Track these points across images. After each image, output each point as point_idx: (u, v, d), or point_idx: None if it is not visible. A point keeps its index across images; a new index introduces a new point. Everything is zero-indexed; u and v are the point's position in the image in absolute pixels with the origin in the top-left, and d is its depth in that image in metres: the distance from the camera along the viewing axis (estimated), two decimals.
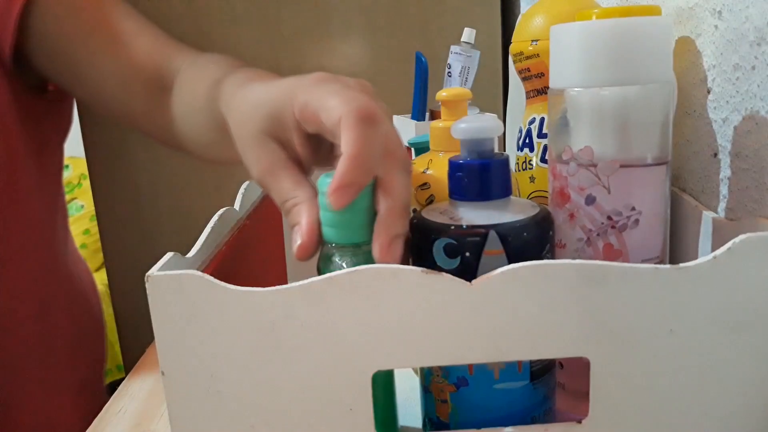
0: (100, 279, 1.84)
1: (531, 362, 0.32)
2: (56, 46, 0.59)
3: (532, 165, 0.44)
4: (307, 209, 0.33)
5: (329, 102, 0.32)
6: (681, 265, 0.27)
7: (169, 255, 0.30)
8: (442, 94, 0.41)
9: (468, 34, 0.73)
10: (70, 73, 0.61)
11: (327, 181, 0.32)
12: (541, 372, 0.33)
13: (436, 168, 0.40)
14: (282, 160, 0.35)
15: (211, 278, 0.28)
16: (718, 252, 0.27)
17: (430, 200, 0.40)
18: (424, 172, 0.41)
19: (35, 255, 0.63)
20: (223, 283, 0.28)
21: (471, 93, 0.42)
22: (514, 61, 0.44)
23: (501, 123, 0.32)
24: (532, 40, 0.42)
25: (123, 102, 0.61)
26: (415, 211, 0.41)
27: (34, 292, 0.63)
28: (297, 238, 0.32)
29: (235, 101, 0.40)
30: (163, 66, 0.59)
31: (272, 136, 0.35)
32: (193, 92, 0.53)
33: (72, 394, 0.69)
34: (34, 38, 0.59)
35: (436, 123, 0.41)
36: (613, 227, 0.34)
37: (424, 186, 0.41)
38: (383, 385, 0.34)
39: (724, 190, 0.37)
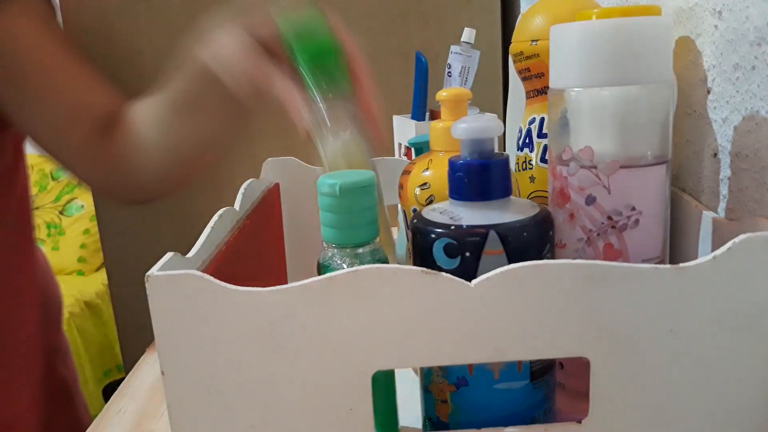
0: (101, 279, 1.85)
1: (531, 362, 0.32)
2: (7, 76, 0.58)
3: (532, 165, 0.44)
4: (295, 88, 0.41)
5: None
6: (681, 265, 0.27)
7: (169, 255, 0.30)
8: (443, 94, 0.41)
9: (468, 34, 0.73)
10: (17, 104, 0.60)
11: (327, 182, 0.32)
12: (541, 372, 0.33)
13: (436, 168, 0.40)
14: (276, 65, 0.43)
15: (211, 278, 0.28)
16: (718, 252, 0.27)
17: (430, 200, 0.40)
18: (423, 173, 0.41)
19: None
20: (223, 283, 0.28)
21: (471, 93, 0.42)
22: (514, 61, 0.44)
23: (501, 123, 0.32)
24: (532, 40, 0.42)
25: (65, 136, 0.61)
26: (415, 211, 0.41)
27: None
28: (300, 119, 0.40)
29: (214, 46, 0.48)
30: (109, 108, 0.61)
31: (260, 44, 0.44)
32: (153, 96, 0.57)
33: (31, 393, 0.67)
34: None
35: (436, 123, 0.41)
36: (613, 227, 0.34)
37: (424, 186, 0.41)
38: (383, 385, 0.34)
39: (724, 190, 0.37)
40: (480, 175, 0.32)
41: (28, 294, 0.68)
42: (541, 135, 0.43)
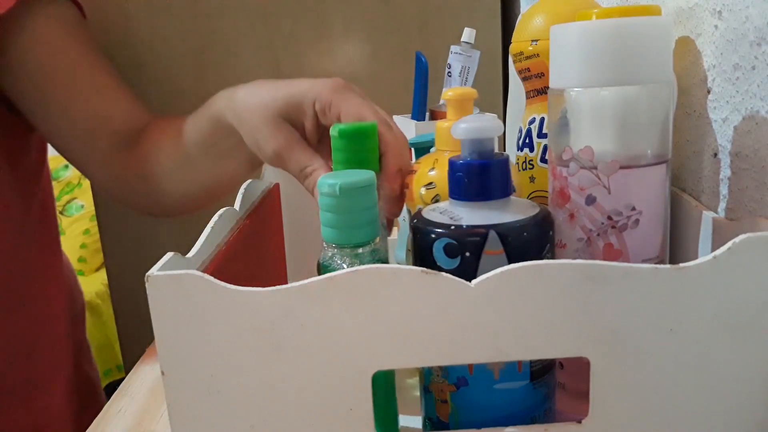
0: (101, 279, 1.85)
1: (531, 362, 0.32)
2: (32, 84, 0.58)
3: (532, 165, 0.44)
4: (325, 173, 0.40)
5: (360, 110, 0.41)
6: (681, 265, 0.27)
7: (169, 255, 0.30)
8: (448, 93, 0.41)
9: (468, 34, 0.73)
10: (40, 111, 0.60)
11: (326, 182, 0.32)
12: (541, 372, 0.33)
13: (441, 168, 0.40)
14: (297, 137, 0.43)
15: (211, 278, 0.28)
16: (718, 252, 0.27)
17: (436, 199, 0.40)
18: (429, 172, 0.41)
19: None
20: (223, 283, 0.28)
21: (477, 92, 0.42)
22: (514, 61, 0.44)
23: (501, 123, 0.32)
24: (532, 40, 0.42)
25: (86, 147, 0.61)
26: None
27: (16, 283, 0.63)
28: None
29: (239, 97, 0.47)
30: (132, 121, 0.61)
31: (288, 119, 0.43)
32: (178, 127, 0.57)
33: (63, 391, 0.68)
34: (8, 75, 0.58)
35: (441, 123, 0.41)
36: (613, 227, 0.34)
37: (430, 186, 0.41)
38: (383, 385, 0.34)
39: (724, 190, 0.37)
40: (480, 175, 0.32)
41: (55, 291, 0.69)
42: (541, 135, 0.43)
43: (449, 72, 0.73)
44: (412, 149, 0.52)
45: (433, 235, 0.31)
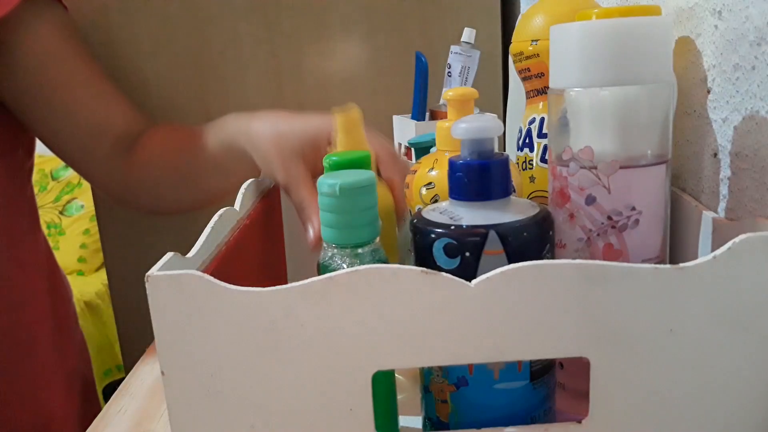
0: (101, 279, 1.85)
1: (531, 362, 0.32)
2: (32, 87, 0.60)
3: (532, 165, 0.44)
4: (317, 212, 0.41)
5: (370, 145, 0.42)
6: (681, 265, 0.27)
7: (169, 255, 0.30)
8: (449, 93, 0.41)
9: (468, 34, 0.73)
10: (39, 114, 0.61)
11: (326, 182, 0.32)
12: (541, 372, 0.33)
13: (441, 168, 0.40)
14: (304, 174, 0.46)
15: (211, 278, 0.28)
16: (718, 252, 0.27)
17: (435, 199, 0.40)
18: (429, 172, 0.41)
19: None
20: (223, 283, 0.28)
21: (477, 92, 0.42)
22: (514, 61, 0.44)
23: (501, 123, 0.32)
24: (532, 40, 0.42)
25: (86, 151, 0.63)
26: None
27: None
28: (311, 233, 0.41)
29: (255, 127, 0.51)
30: (131, 127, 0.64)
31: (302, 154, 0.47)
32: (181, 140, 0.60)
33: (62, 387, 0.68)
34: (7, 76, 0.59)
35: (442, 123, 0.41)
36: (613, 227, 0.34)
37: (430, 186, 0.41)
38: (383, 385, 0.34)
39: (724, 190, 0.37)
40: (480, 175, 0.32)
41: (41, 291, 0.69)
42: (541, 135, 0.43)
43: (449, 72, 0.73)
44: (412, 149, 0.52)
45: (433, 235, 0.31)
